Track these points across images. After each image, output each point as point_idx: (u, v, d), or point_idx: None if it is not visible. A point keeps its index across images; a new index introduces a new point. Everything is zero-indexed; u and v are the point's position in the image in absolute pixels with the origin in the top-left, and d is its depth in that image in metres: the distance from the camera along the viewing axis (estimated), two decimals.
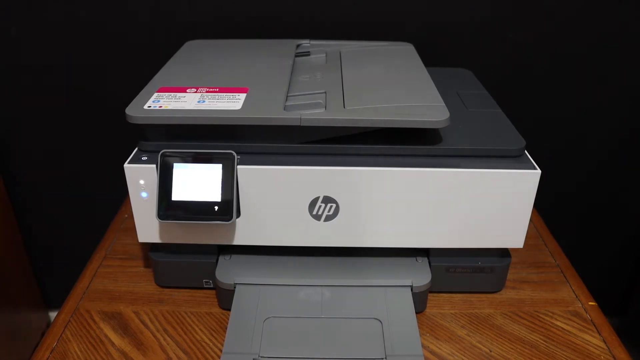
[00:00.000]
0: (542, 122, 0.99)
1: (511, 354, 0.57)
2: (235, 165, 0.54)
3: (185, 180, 0.54)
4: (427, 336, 0.59)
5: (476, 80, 0.76)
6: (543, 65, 0.94)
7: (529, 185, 0.55)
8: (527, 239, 0.59)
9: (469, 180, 0.55)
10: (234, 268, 0.61)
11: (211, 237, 0.59)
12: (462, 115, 0.63)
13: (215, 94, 0.58)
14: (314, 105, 0.57)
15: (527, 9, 0.89)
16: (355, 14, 0.89)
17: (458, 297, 0.65)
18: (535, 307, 0.64)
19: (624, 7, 0.88)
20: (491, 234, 0.58)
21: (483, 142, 0.57)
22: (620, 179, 1.06)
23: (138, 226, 0.58)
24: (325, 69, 0.69)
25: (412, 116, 0.54)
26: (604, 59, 0.93)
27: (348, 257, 0.63)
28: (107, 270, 0.69)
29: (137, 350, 0.57)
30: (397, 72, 0.66)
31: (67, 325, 0.60)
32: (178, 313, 0.62)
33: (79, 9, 0.89)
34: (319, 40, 0.77)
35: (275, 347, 0.54)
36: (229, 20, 0.89)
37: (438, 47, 0.91)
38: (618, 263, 1.18)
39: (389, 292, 0.59)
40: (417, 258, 0.63)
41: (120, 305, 0.63)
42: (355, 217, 0.57)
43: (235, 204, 0.54)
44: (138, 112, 0.55)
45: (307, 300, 0.59)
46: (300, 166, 0.54)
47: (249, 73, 0.64)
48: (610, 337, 0.59)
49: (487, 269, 0.63)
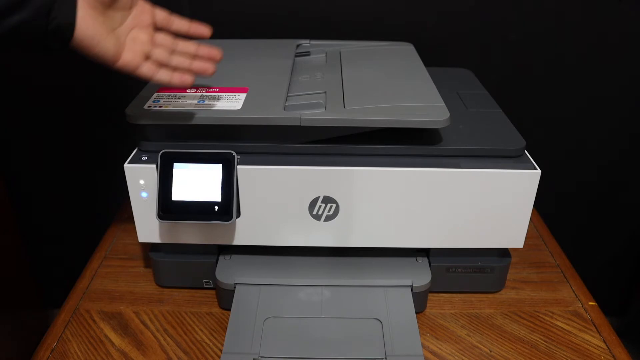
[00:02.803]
0: (542, 122, 0.99)
1: (511, 354, 0.57)
2: (235, 165, 0.54)
3: (185, 180, 0.54)
4: (427, 336, 0.59)
5: (476, 80, 0.76)
6: (543, 65, 0.94)
7: (529, 185, 0.55)
8: (527, 239, 0.59)
9: (469, 180, 0.55)
10: (234, 268, 0.61)
11: (211, 237, 0.59)
12: (462, 115, 0.63)
13: (215, 94, 0.58)
14: (314, 105, 0.57)
15: (527, 9, 0.89)
16: (355, 14, 0.89)
17: (458, 297, 0.65)
18: (535, 307, 0.64)
19: (624, 7, 0.88)
20: (491, 234, 0.58)
21: (483, 142, 0.57)
22: (621, 178, 1.06)
23: (138, 226, 0.58)
24: (325, 69, 0.68)
25: (412, 116, 0.54)
26: (604, 59, 0.93)
27: (348, 257, 0.63)
28: (107, 270, 0.69)
29: (137, 350, 0.57)
30: (397, 72, 0.66)
31: (67, 325, 0.60)
32: (178, 313, 0.62)
33: None
34: (319, 40, 0.77)
35: (275, 347, 0.54)
36: (229, 20, 0.89)
37: (438, 47, 0.91)
38: (618, 263, 1.18)
39: (389, 292, 0.59)
40: (417, 258, 0.63)
41: (120, 305, 0.63)
42: (355, 217, 0.57)
43: (235, 204, 0.54)
44: (138, 112, 0.55)
45: (307, 300, 0.59)
46: (300, 166, 0.54)
47: (249, 73, 0.64)
48: (610, 337, 0.59)
49: (487, 269, 0.63)
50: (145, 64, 0.51)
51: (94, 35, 0.48)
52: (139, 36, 0.52)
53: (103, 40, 0.48)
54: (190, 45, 0.54)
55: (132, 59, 0.50)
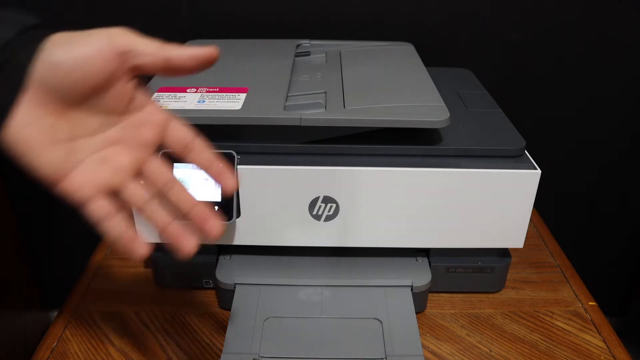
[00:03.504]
0: (542, 122, 0.99)
1: (511, 354, 0.57)
2: (236, 165, 0.54)
3: (185, 180, 0.54)
4: (427, 336, 0.59)
5: (476, 80, 0.76)
6: (543, 65, 0.94)
7: (529, 185, 0.55)
8: (527, 239, 0.59)
9: (469, 180, 0.55)
10: (234, 268, 0.61)
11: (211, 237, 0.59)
12: (462, 115, 0.63)
13: (216, 93, 0.58)
14: (314, 105, 0.57)
15: (527, 9, 0.89)
16: (355, 14, 0.89)
17: (458, 297, 0.65)
18: (535, 307, 0.64)
19: (624, 7, 0.88)
20: (491, 234, 0.58)
21: (483, 142, 0.57)
22: (621, 178, 1.06)
23: (138, 226, 0.58)
24: (325, 69, 0.68)
25: (412, 116, 0.54)
26: (604, 59, 0.93)
27: (348, 257, 0.63)
28: (107, 270, 0.69)
29: (137, 350, 0.57)
30: (397, 72, 0.66)
31: (67, 325, 0.60)
32: (178, 313, 0.62)
33: (78, 9, 0.89)
34: (319, 40, 0.77)
35: (275, 347, 0.54)
36: (229, 20, 0.89)
37: (438, 47, 0.91)
38: (618, 263, 1.18)
39: (389, 292, 0.59)
40: (417, 258, 0.63)
41: (120, 305, 0.63)
42: (355, 217, 0.57)
43: (235, 204, 0.54)
44: None
45: (307, 300, 0.59)
46: (300, 166, 0.54)
47: (249, 73, 0.64)
48: (610, 337, 0.59)
49: (487, 269, 0.63)
50: (98, 202, 0.35)
51: (25, 140, 0.34)
52: (117, 159, 0.36)
53: (38, 151, 0.34)
54: (186, 198, 0.38)
55: (80, 189, 0.35)
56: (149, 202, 0.37)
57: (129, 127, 0.36)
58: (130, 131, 0.36)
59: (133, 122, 0.37)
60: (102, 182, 0.35)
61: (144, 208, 0.37)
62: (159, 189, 0.37)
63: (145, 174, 0.37)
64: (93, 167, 0.35)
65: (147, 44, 0.35)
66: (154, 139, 0.37)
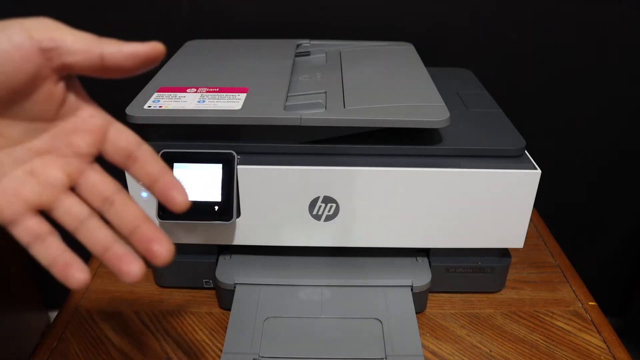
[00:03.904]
0: (542, 122, 0.99)
1: (511, 354, 0.57)
2: (235, 165, 0.54)
3: (185, 180, 0.54)
4: (427, 336, 0.59)
5: (476, 80, 0.76)
6: (543, 65, 0.94)
7: (529, 185, 0.55)
8: (527, 239, 0.59)
9: (469, 180, 0.55)
10: (234, 268, 0.61)
11: (211, 237, 0.59)
12: (462, 115, 0.63)
13: (216, 93, 0.58)
14: (314, 105, 0.57)
15: (528, 9, 0.89)
16: (355, 14, 0.89)
17: (458, 297, 0.65)
18: (535, 307, 0.64)
19: (624, 7, 0.88)
20: (491, 234, 0.58)
21: (483, 142, 0.57)
22: (621, 178, 1.06)
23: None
24: (325, 69, 0.68)
25: (412, 116, 0.54)
26: (604, 59, 0.93)
27: (348, 257, 0.63)
28: (107, 270, 0.69)
29: (137, 350, 0.57)
30: (397, 72, 0.66)
31: (67, 325, 0.60)
32: (178, 313, 0.62)
33: (78, 8, 0.89)
34: (319, 40, 0.77)
35: (275, 347, 0.54)
36: (229, 20, 0.89)
37: (438, 47, 0.91)
38: (618, 263, 1.18)
39: (389, 292, 0.59)
40: (417, 258, 0.63)
41: (120, 305, 0.63)
42: (355, 217, 0.57)
43: (235, 204, 0.54)
44: (138, 112, 0.55)
45: (307, 300, 0.59)
46: (300, 166, 0.54)
47: (249, 73, 0.64)
48: (610, 337, 0.59)
49: (487, 269, 0.63)
50: (26, 222, 0.30)
51: None
52: (46, 172, 0.31)
53: None
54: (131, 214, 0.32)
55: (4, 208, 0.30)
56: (85, 220, 0.31)
57: (61, 134, 0.31)
58: (61, 139, 0.31)
59: (65, 128, 0.32)
60: (30, 199, 0.30)
61: (79, 228, 0.31)
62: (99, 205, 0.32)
63: (83, 187, 0.32)
64: (18, 182, 0.30)
65: (77, 39, 0.30)
66: (89, 148, 0.32)
